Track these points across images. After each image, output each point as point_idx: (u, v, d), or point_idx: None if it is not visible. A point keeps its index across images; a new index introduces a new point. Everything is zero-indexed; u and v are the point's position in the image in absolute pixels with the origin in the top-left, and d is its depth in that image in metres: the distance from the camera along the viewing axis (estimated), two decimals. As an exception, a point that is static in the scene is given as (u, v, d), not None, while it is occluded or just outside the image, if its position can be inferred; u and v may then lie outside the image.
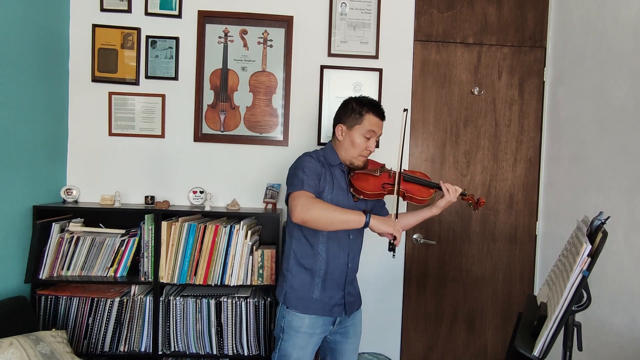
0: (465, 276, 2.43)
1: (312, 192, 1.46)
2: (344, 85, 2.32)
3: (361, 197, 1.59)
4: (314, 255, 1.58)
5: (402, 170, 1.59)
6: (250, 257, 2.04)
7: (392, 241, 1.45)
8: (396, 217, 1.51)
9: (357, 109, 1.57)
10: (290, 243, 1.63)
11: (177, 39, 2.27)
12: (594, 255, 0.99)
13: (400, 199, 1.59)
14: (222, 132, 2.31)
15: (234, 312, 2.04)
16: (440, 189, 1.63)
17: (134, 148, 2.29)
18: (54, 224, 2.01)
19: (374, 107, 1.58)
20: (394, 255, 1.46)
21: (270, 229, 2.28)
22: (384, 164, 1.71)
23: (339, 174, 1.61)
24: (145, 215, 2.01)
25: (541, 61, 2.41)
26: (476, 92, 2.39)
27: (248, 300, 2.04)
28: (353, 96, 1.64)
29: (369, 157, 1.67)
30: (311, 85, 2.32)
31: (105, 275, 2.04)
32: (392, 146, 2.35)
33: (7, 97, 1.79)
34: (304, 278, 1.58)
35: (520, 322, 1.22)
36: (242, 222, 2.07)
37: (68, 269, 2.02)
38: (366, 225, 1.41)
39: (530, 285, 2.45)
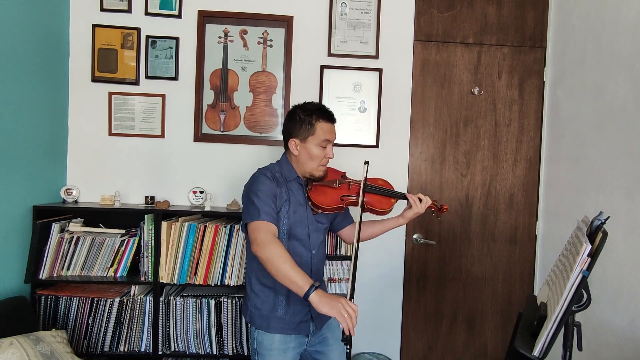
0: (465, 276, 2.43)
1: (270, 221, 1.39)
2: (344, 85, 2.32)
3: (320, 211, 1.54)
4: None
5: (365, 184, 1.54)
6: (250, 257, 2.04)
7: (343, 333, 1.18)
8: (352, 295, 1.25)
9: (305, 119, 1.49)
10: (251, 262, 1.55)
11: (177, 39, 2.27)
12: (594, 255, 0.99)
13: (360, 209, 1.53)
14: (222, 132, 2.31)
15: (234, 312, 2.04)
16: (404, 198, 1.59)
17: (134, 148, 2.28)
18: (54, 224, 2.01)
19: (323, 113, 1.51)
20: (347, 348, 1.20)
21: (270, 229, 2.28)
22: (345, 173, 1.66)
23: (296, 189, 1.54)
24: (145, 215, 2.01)
25: (541, 61, 2.41)
26: (476, 92, 2.39)
27: (248, 300, 2.04)
28: (297, 104, 1.56)
29: (329, 166, 1.61)
30: (311, 85, 2.32)
31: (105, 275, 2.04)
32: (393, 147, 2.36)
33: (7, 97, 1.79)
34: (267, 296, 1.52)
35: (520, 322, 1.22)
36: (242, 222, 2.07)
37: (68, 269, 2.02)
38: (305, 298, 1.22)
39: (530, 285, 2.45)
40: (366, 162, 1.56)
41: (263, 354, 1.51)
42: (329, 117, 1.53)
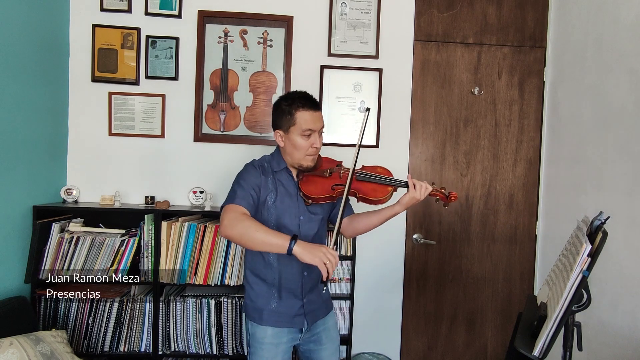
0: (465, 276, 2.43)
1: (244, 205, 1.39)
2: (344, 85, 2.32)
3: (311, 201, 1.50)
4: (266, 266, 1.52)
5: (355, 169, 1.47)
6: (250, 257, 2.04)
7: (321, 277, 1.28)
8: (336, 242, 1.37)
9: (286, 109, 1.46)
10: (246, 254, 1.59)
11: (177, 39, 2.27)
12: (594, 255, 0.99)
13: (354, 199, 1.51)
14: (222, 132, 2.31)
15: (234, 312, 2.04)
16: (404, 186, 1.50)
17: (134, 148, 2.28)
18: (54, 224, 2.01)
19: (304, 102, 1.46)
20: (324, 290, 1.33)
21: (270, 229, 2.28)
22: (341, 162, 1.60)
23: (285, 179, 1.53)
24: (145, 215, 2.01)
25: (541, 61, 2.41)
26: (476, 92, 2.39)
27: (248, 300, 2.04)
28: (282, 95, 1.54)
29: (327, 156, 1.59)
30: (311, 85, 2.32)
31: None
32: (393, 146, 2.35)
33: (7, 97, 1.79)
34: (261, 289, 1.53)
35: (520, 322, 1.23)
36: (242, 222, 2.07)
37: (68, 269, 2.02)
38: (289, 252, 1.26)
39: (530, 285, 2.45)
40: (367, 109, 1.49)
41: (255, 346, 1.52)
42: (311, 105, 1.47)
